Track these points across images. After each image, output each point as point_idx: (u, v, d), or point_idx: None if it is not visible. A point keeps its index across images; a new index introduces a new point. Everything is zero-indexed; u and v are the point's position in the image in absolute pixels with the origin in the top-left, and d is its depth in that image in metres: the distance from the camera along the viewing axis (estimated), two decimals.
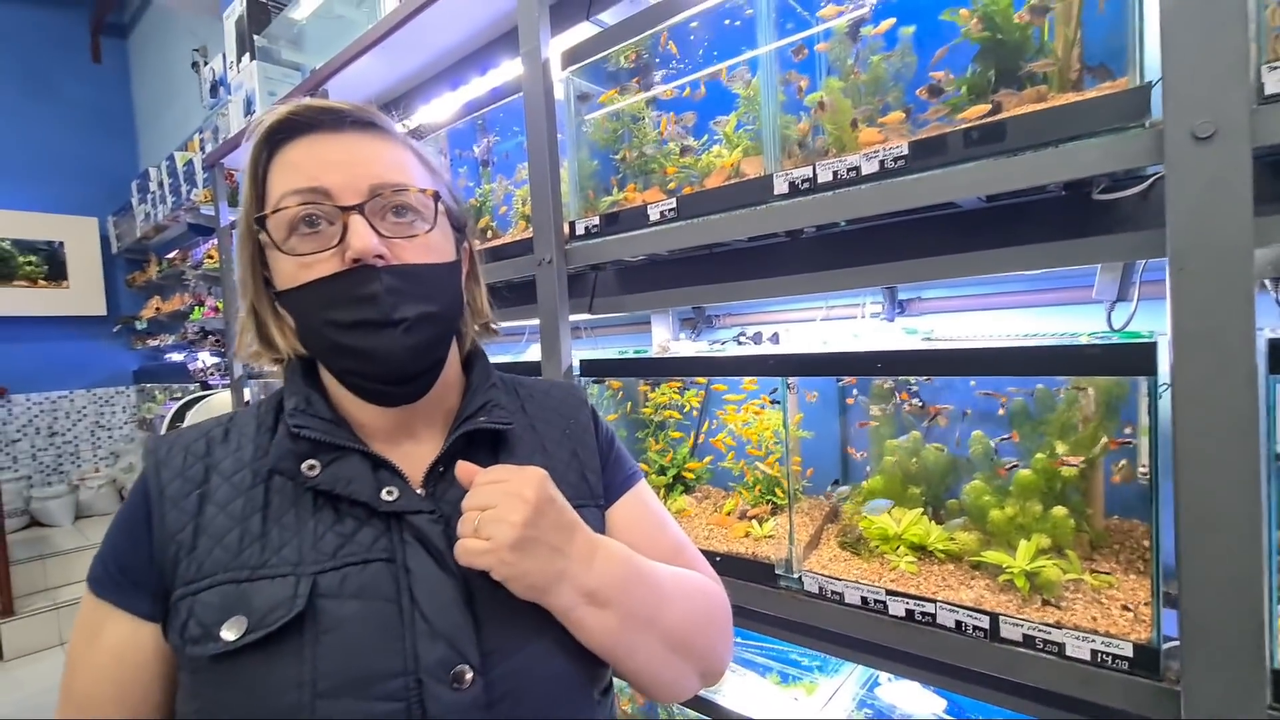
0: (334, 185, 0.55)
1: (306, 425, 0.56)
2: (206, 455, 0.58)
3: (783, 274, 1.10)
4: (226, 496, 0.55)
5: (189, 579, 0.52)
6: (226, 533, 0.53)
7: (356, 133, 0.58)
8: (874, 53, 1.02)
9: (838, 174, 0.91)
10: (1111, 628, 0.74)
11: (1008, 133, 0.78)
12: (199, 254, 3.63)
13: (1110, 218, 0.79)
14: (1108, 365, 0.70)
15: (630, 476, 0.73)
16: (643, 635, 0.58)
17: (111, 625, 0.54)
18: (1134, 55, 0.74)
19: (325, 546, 0.53)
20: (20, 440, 4.63)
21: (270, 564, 0.52)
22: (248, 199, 0.59)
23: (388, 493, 0.55)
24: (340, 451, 0.57)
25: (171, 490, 0.55)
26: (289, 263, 0.56)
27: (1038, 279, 1.11)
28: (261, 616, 0.49)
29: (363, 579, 0.52)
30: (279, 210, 0.55)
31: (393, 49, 1.70)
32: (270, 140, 0.58)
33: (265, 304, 0.61)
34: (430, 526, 0.55)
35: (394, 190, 0.57)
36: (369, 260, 0.54)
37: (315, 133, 0.57)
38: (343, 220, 0.55)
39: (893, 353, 0.86)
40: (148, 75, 4.98)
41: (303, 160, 0.56)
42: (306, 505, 0.55)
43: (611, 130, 1.34)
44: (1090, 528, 0.86)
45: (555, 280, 1.27)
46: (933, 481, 0.99)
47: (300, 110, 0.57)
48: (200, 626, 0.50)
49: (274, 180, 0.57)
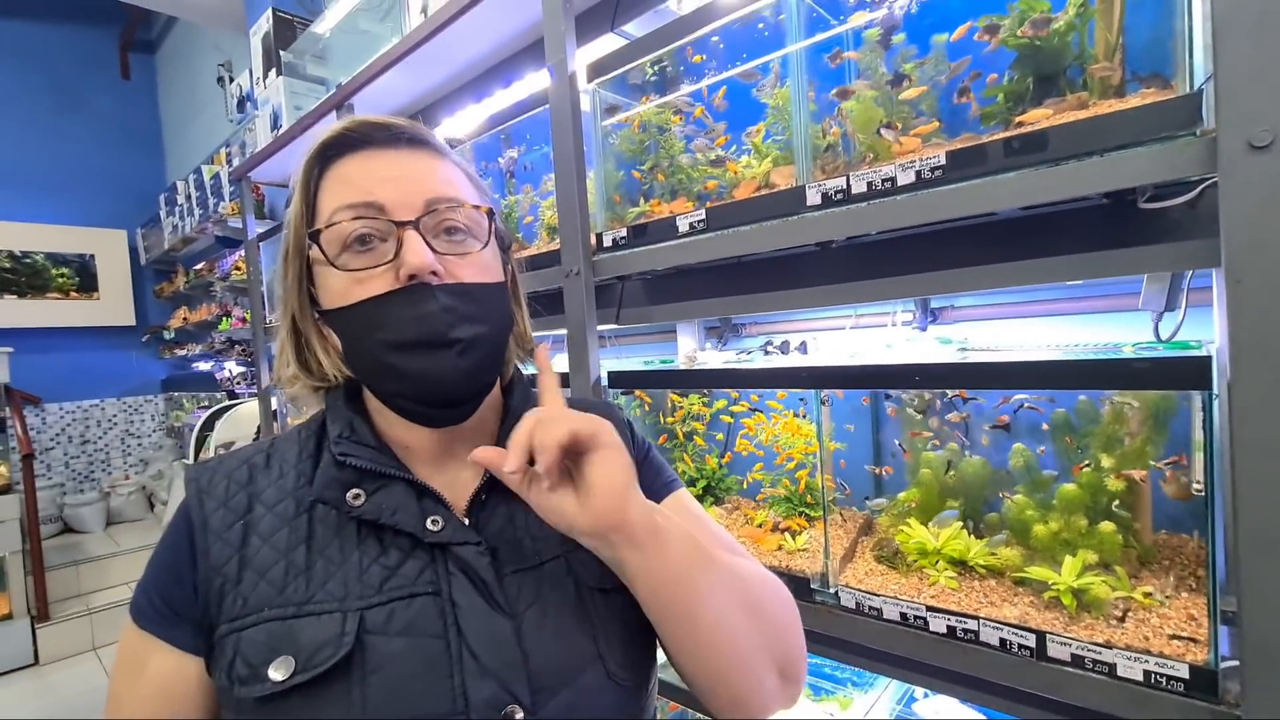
0: (388, 200, 0.54)
1: (351, 453, 0.55)
2: (249, 484, 0.57)
3: (812, 284, 1.09)
4: (270, 527, 0.54)
5: (234, 615, 0.51)
6: (271, 566, 0.52)
7: (410, 149, 0.58)
8: (906, 60, 1.01)
9: (872, 184, 0.90)
10: (1165, 648, 0.72)
11: (1050, 142, 0.77)
12: (226, 265, 3.70)
13: (1156, 227, 0.77)
14: (1160, 379, 0.68)
15: (670, 483, 0.70)
16: (712, 573, 0.53)
17: (156, 659, 0.53)
18: (1183, 60, 0.72)
19: (371, 580, 0.52)
20: (54, 448, 4.75)
21: (316, 599, 0.51)
22: (297, 214, 0.58)
23: (432, 522, 0.54)
24: (384, 480, 0.56)
25: (215, 521, 0.54)
26: (340, 279, 0.55)
27: (1075, 287, 1.09)
28: (309, 656, 0.48)
29: (409, 615, 0.51)
30: (332, 225, 0.54)
31: (418, 63, 1.72)
32: (323, 156, 0.57)
33: (309, 323, 0.60)
34: (477, 559, 0.54)
35: (448, 206, 0.56)
36: (424, 277, 0.53)
37: (369, 149, 0.57)
38: (397, 236, 0.54)
39: (933, 365, 0.85)
40: (175, 90, 5.10)
41: (356, 175, 0.56)
42: (350, 536, 0.54)
43: (639, 142, 1.34)
44: (1138, 543, 0.84)
45: (583, 292, 1.27)
46: (971, 495, 0.98)
47: (354, 126, 0.57)
48: (247, 666, 0.49)
49: (325, 196, 0.56)
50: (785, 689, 0.59)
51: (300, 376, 0.62)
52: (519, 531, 0.58)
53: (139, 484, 4.75)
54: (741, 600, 0.55)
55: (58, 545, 4.12)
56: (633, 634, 0.58)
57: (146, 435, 5.21)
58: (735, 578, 0.56)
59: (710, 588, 0.53)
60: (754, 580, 0.59)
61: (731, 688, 0.55)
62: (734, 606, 0.54)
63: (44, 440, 4.70)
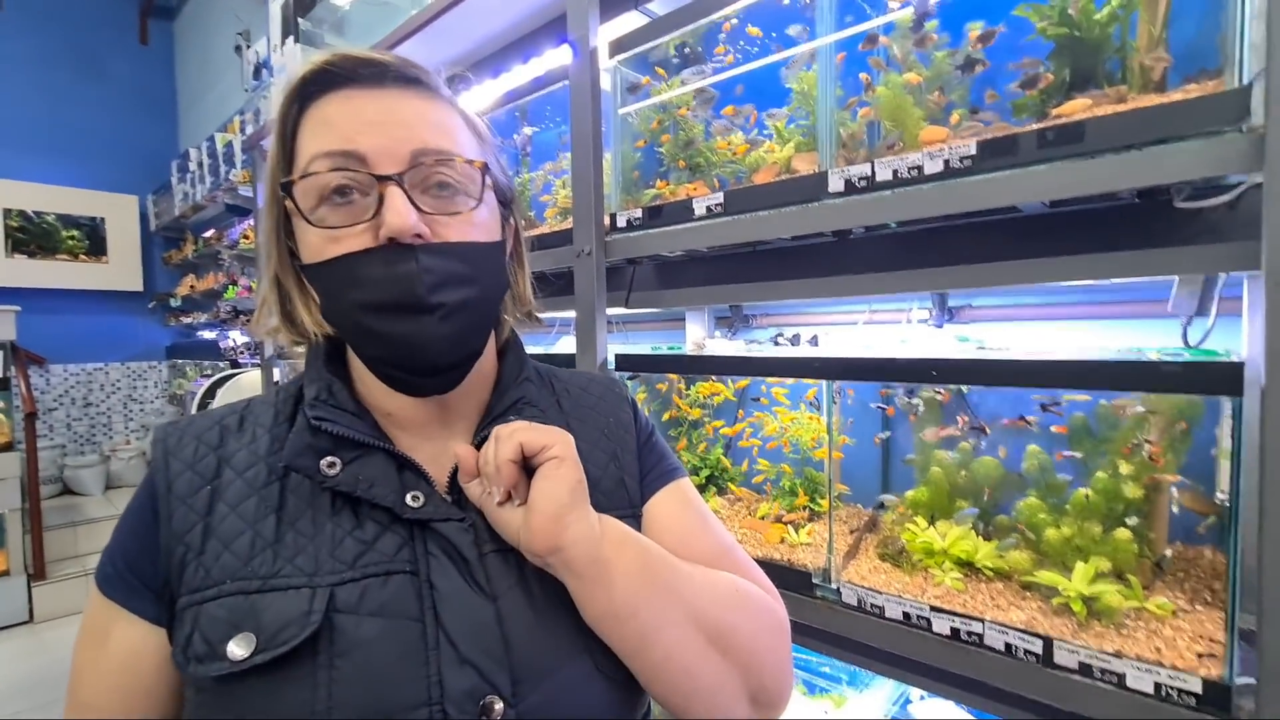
0: (370, 150, 0.49)
1: (327, 417, 0.51)
2: (219, 446, 0.53)
3: (828, 274, 1.07)
4: (238, 495, 0.51)
5: (195, 586, 0.47)
6: (237, 536, 0.49)
7: (400, 89, 0.52)
8: (938, 49, 0.98)
9: (898, 172, 0.88)
10: (1178, 660, 0.70)
11: (1086, 134, 0.74)
12: (235, 234, 3.69)
13: (1192, 227, 0.74)
14: (1189, 384, 0.66)
15: (672, 470, 0.66)
16: (669, 608, 0.50)
17: (120, 628, 0.50)
18: (1231, 54, 0.69)
19: (343, 555, 0.48)
20: (56, 409, 4.76)
21: (283, 573, 0.47)
22: (273, 160, 0.53)
23: (413, 498, 0.51)
24: (363, 449, 0.52)
25: (180, 485, 0.51)
26: (315, 234, 0.50)
27: (1097, 289, 1.06)
28: (272, 634, 0.44)
29: (384, 595, 0.47)
30: (307, 175, 0.49)
31: (436, 35, 1.70)
32: (303, 93, 0.51)
33: (290, 276, 0.56)
34: (460, 535, 0.51)
35: (438, 159, 0.51)
36: (405, 239, 0.49)
37: (353, 86, 0.51)
38: (378, 191, 0.49)
39: (953, 360, 0.83)
40: (191, 57, 5.08)
41: (337, 117, 0.50)
42: (324, 506, 0.50)
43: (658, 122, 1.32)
44: (1153, 553, 0.82)
45: (594, 273, 1.25)
46: (981, 496, 0.96)
47: (338, 60, 0.50)
48: (205, 643, 0.45)
49: (304, 139, 0.51)
50: (761, 713, 0.55)
51: (283, 328, 0.58)
52: None
53: (139, 449, 4.76)
54: (705, 632, 0.52)
55: (57, 506, 4.14)
56: None
57: (149, 401, 5.22)
58: (700, 608, 0.52)
59: (662, 625, 0.49)
60: (728, 602, 0.55)
61: (690, 702, 0.51)
62: (691, 642, 0.51)
63: (47, 401, 4.71)
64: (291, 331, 0.58)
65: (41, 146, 4.63)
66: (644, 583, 0.50)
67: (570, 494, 0.48)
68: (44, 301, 4.60)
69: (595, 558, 0.48)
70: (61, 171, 4.71)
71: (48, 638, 3.26)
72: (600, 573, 0.48)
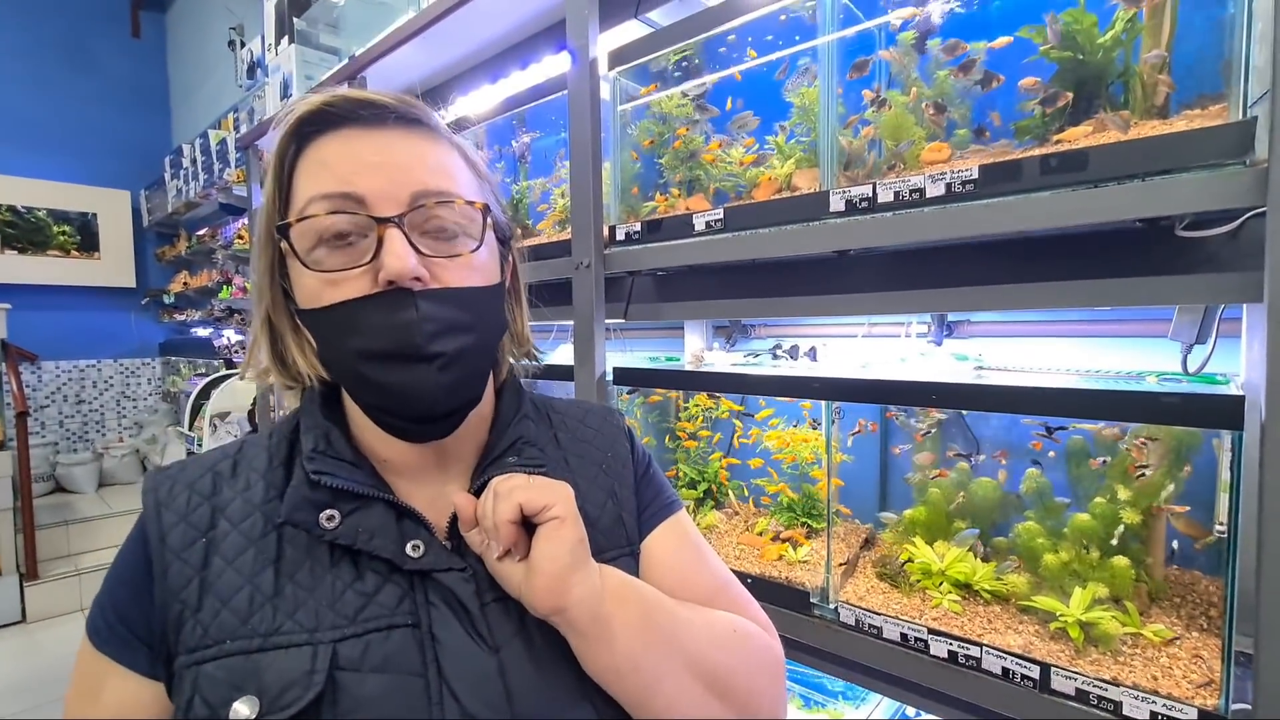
0: (370, 192, 0.48)
1: (326, 470, 0.51)
2: (213, 495, 0.52)
3: (828, 291, 1.06)
4: (235, 547, 0.50)
5: (192, 645, 0.46)
6: (235, 592, 0.48)
7: (400, 129, 0.51)
8: (940, 68, 0.98)
9: (900, 194, 0.88)
10: (1174, 688, 0.70)
11: (1090, 162, 0.74)
12: (229, 233, 3.66)
13: (1193, 256, 0.74)
14: (1189, 417, 0.66)
15: (669, 504, 0.65)
16: (668, 659, 0.50)
17: (113, 683, 0.49)
18: (1234, 85, 0.69)
19: (344, 609, 0.48)
20: (49, 406, 4.72)
21: (284, 629, 0.46)
22: (269, 199, 0.52)
23: (413, 547, 0.50)
24: (361, 500, 0.51)
25: (174, 539, 0.49)
26: (313, 279, 0.49)
27: (1097, 309, 1.06)
28: (275, 696, 0.44)
29: (387, 649, 0.47)
30: (305, 219, 0.48)
31: (434, 39, 1.68)
32: (300, 133, 0.51)
33: (284, 318, 0.55)
34: (461, 586, 0.50)
35: (438, 201, 0.50)
36: (405, 283, 0.48)
37: (351, 127, 0.50)
38: (378, 234, 0.48)
39: (952, 385, 0.83)
40: (184, 51, 5.02)
41: (335, 159, 0.49)
42: (323, 558, 0.50)
43: (657, 133, 1.31)
44: (1149, 579, 0.82)
45: (593, 285, 1.24)
46: (979, 517, 0.96)
47: (336, 101, 0.50)
48: (206, 706, 0.44)
49: (301, 180, 0.50)
50: None
51: (274, 370, 0.57)
52: None
53: (133, 447, 4.73)
54: (704, 679, 0.52)
55: (49, 504, 4.11)
56: None
57: (142, 398, 5.18)
58: (699, 654, 0.52)
59: (662, 676, 0.50)
60: (727, 644, 0.55)
61: None
62: (690, 691, 0.51)
63: (39, 398, 4.67)
64: (283, 374, 0.57)
65: (32, 141, 4.58)
66: (645, 635, 0.50)
67: (572, 554, 0.48)
68: (35, 298, 4.56)
69: (597, 615, 0.48)
70: (52, 166, 4.65)
71: (41, 638, 3.24)
72: (602, 630, 0.48)
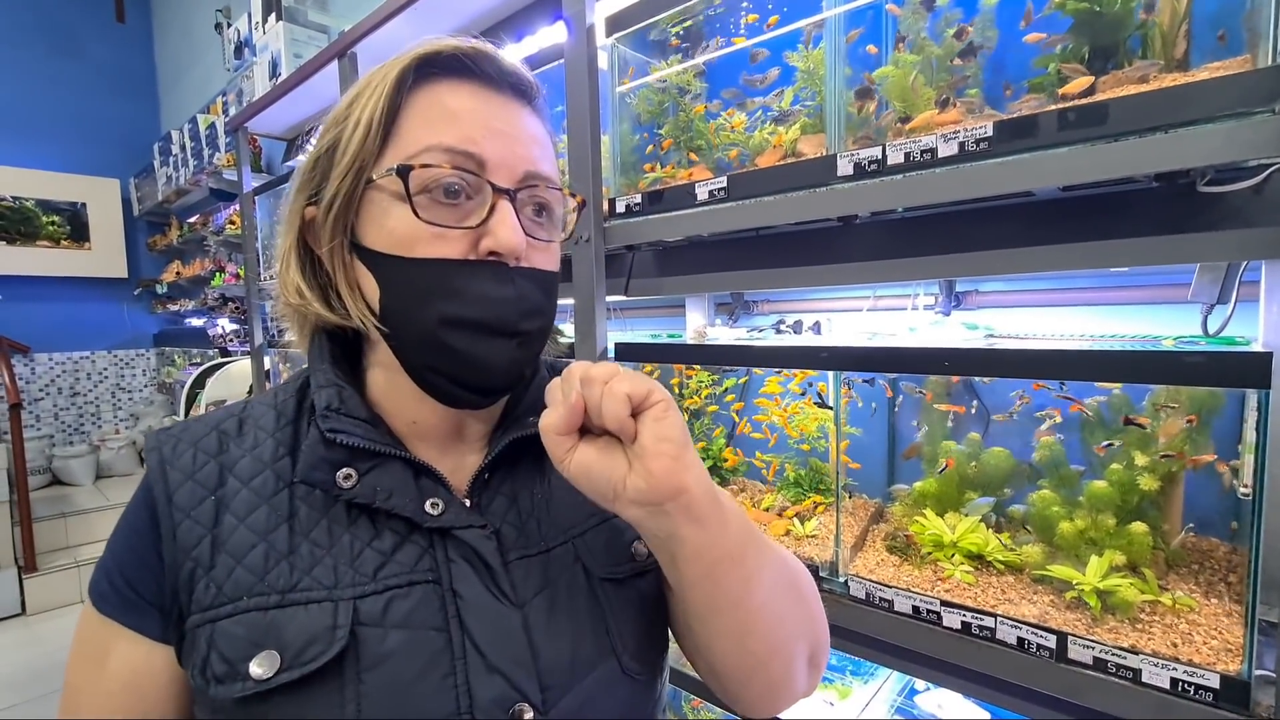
0: (492, 157, 0.47)
1: (341, 429, 0.49)
2: (220, 453, 0.50)
3: (834, 261, 1.04)
4: (246, 505, 0.48)
5: (207, 604, 0.45)
6: (249, 549, 0.46)
7: (516, 100, 0.50)
8: (950, 25, 0.95)
9: (910, 155, 0.85)
10: (1195, 655, 0.69)
11: (1110, 115, 0.71)
12: (220, 219, 3.61)
13: (1216, 212, 0.72)
14: (1214, 376, 0.64)
15: None
16: (762, 549, 0.48)
17: (121, 648, 0.47)
18: (1269, 31, 0.66)
19: (364, 566, 0.47)
20: (43, 399, 4.68)
21: (302, 586, 0.45)
22: (370, 128, 0.47)
23: (432, 505, 0.49)
24: (378, 458, 0.49)
25: (181, 496, 0.48)
26: (411, 226, 0.46)
27: (1111, 274, 1.04)
28: (297, 652, 0.43)
29: (408, 605, 0.46)
30: (427, 166, 0.46)
31: (424, 12, 1.64)
32: (420, 70, 0.48)
33: (339, 255, 0.51)
34: (482, 543, 0.49)
35: (547, 185, 0.50)
36: (506, 258, 0.47)
37: (477, 82, 0.49)
38: (491, 202, 0.47)
39: (965, 350, 0.80)
40: (171, 35, 4.93)
41: (463, 113, 0.47)
42: (339, 516, 0.48)
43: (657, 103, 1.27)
44: (1166, 545, 0.80)
45: (593, 260, 1.21)
46: (992, 487, 0.94)
47: (469, 50, 0.48)
48: (224, 663, 0.43)
49: (416, 121, 0.48)
50: (812, 675, 0.56)
51: (305, 293, 0.53)
52: (523, 515, 0.53)
53: (129, 439, 4.70)
54: (787, 580, 0.51)
55: (46, 497, 4.09)
56: (647, 625, 0.54)
57: (137, 390, 5.14)
58: (779, 555, 0.52)
59: (761, 567, 0.47)
60: (789, 559, 0.55)
61: (769, 673, 0.51)
62: (781, 587, 0.50)
63: (33, 390, 4.63)
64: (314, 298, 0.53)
65: (17, 129, 4.49)
66: (747, 523, 0.48)
67: (683, 433, 0.43)
68: (26, 289, 4.51)
69: (714, 496, 0.44)
70: (39, 155, 4.57)
71: (41, 630, 3.23)
72: (719, 513, 0.44)
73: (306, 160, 0.53)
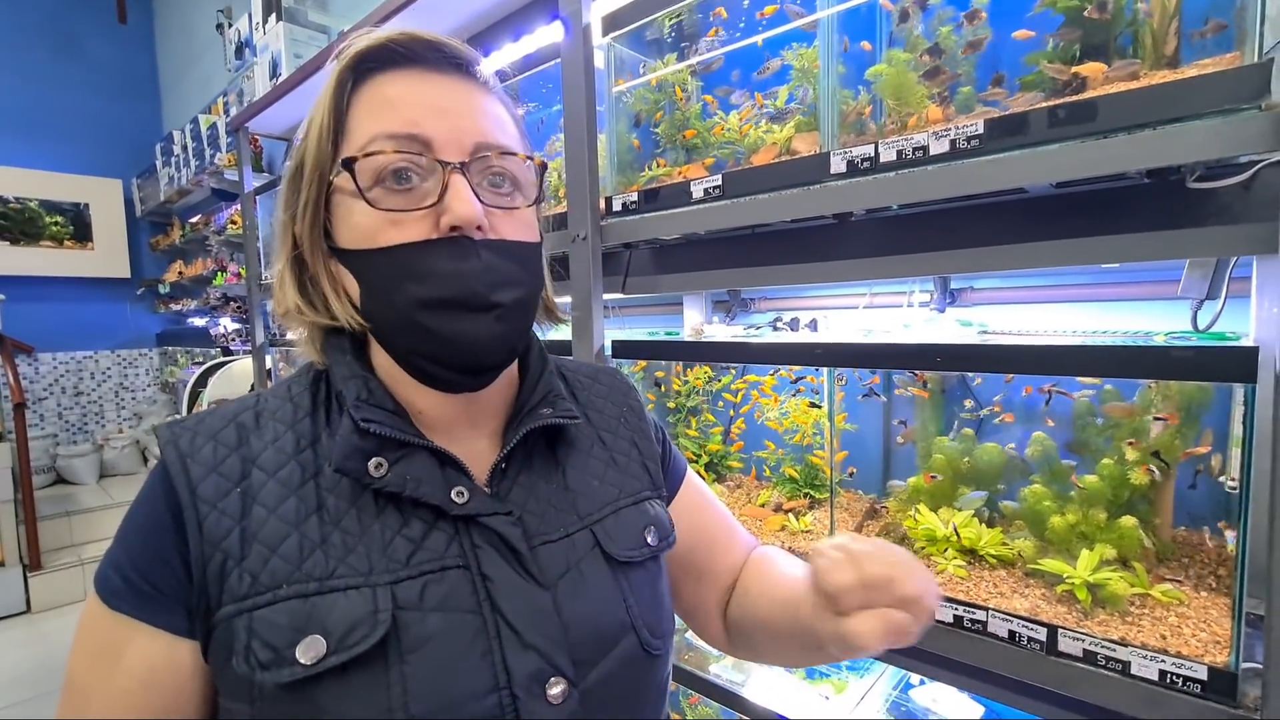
0: (437, 136, 0.48)
1: (373, 419, 0.49)
2: (241, 446, 0.50)
3: (829, 258, 1.04)
4: (275, 496, 0.48)
5: (242, 594, 0.45)
6: (282, 539, 0.46)
7: (459, 78, 0.51)
8: (942, 24, 0.95)
9: (902, 153, 0.85)
10: (1183, 647, 0.69)
11: (1099, 112, 0.72)
12: (222, 219, 3.62)
13: (1205, 208, 0.72)
14: (1201, 370, 0.65)
15: (685, 465, 0.72)
16: None
17: (139, 644, 0.46)
18: (1252, 28, 0.67)
19: (396, 554, 0.47)
20: (47, 398, 4.71)
21: (338, 573, 0.46)
22: (320, 131, 0.50)
23: (458, 494, 0.50)
24: (406, 449, 0.50)
25: (206, 489, 0.47)
26: (370, 218, 0.48)
27: (1103, 272, 1.04)
28: (341, 636, 0.43)
29: (442, 590, 0.47)
30: (371, 155, 0.47)
31: (422, 12, 1.64)
32: (358, 68, 0.50)
33: (319, 260, 0.52)
34: (509, 529, 0.50)
35: (500, 153, 0.50)
36: (468, 231, 0.48)
37: (416, 68, 0.50)
38: (442, 179, 0.48)
39: (958, 345, 0.81)
40: (172, 36, 4.94)
41: (402, 99, 0.49)
42: (367, 506, 0.49)
43: (653, 101, 1.28)
44: (1157, 539, 0.81)
45: (590, 258, 1.22)
46: (984, 483, 0.95)
47: (401, 39, 0.49)
48: (269, 649, 0.43)
49: (360, 116, 0.49)
50: None
51: (303, 310, 0.54)
52: (541, 503, 0.55)
53: (133, 438, 4.73)
54: None
55: (50, 496, 4.11)
56: (660, 603, 0.57)
57: (141, 389, 5.17)
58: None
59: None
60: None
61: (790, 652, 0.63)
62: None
63: (37, 390, 4.65)
64: (311, 313, 0.54)
65: (20, 130, 4.51)
66: None
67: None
68: (30, 289, 4.52)
69: None
70: (42, 156, 4.59)
71: (46, 628, 3.25)
72: None
73: (284, 181, 0.54)
